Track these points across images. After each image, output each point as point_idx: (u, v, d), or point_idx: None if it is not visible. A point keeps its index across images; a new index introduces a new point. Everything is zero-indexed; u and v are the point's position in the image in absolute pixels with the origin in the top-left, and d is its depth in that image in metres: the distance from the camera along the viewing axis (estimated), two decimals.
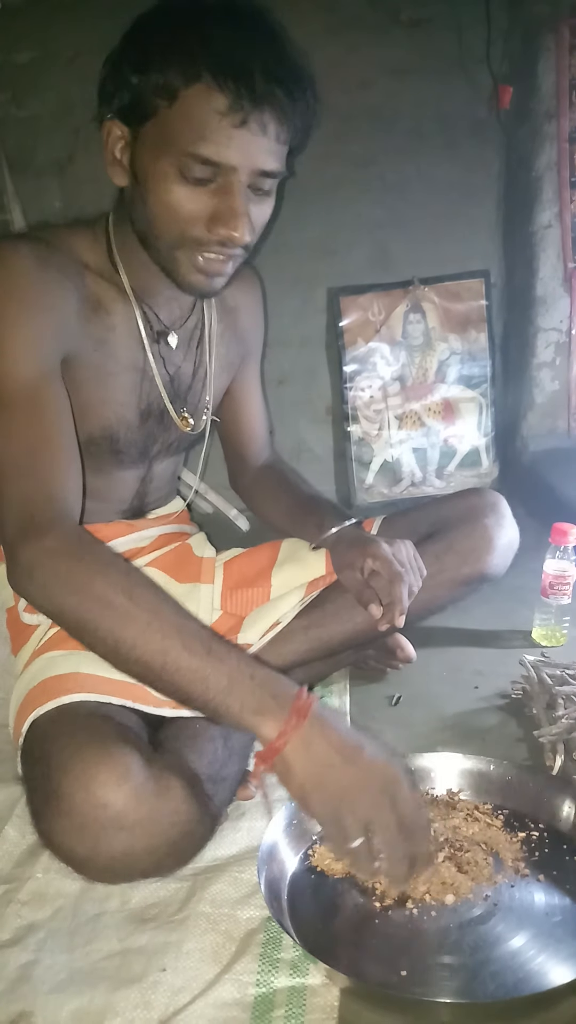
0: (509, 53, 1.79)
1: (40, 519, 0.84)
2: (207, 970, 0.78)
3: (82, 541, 0.84)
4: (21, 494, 0.86)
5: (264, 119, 0.87)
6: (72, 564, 0.81)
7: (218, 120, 0.85)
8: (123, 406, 1.05)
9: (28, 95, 1.70)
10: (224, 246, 0.92)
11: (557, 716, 1.13)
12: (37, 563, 0.82)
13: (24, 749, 0.92)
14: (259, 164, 0.89)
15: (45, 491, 0.87)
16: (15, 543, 0.84)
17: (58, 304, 0.94)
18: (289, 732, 0.76)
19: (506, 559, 1.22)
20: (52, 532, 0.83)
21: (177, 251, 0.94)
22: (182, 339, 1.10)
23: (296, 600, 1.14)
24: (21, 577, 0.83)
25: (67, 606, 0.81)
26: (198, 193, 0.89)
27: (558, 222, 1.84)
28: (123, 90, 0.89)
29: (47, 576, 0.82)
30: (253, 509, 1.34)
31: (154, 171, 0.89)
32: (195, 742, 0.94)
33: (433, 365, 1.94)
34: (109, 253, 1.01)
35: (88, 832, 0.81)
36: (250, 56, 0.85)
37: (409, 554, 1.10)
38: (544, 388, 1.96)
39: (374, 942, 0.79)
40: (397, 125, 1.81)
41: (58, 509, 0.86)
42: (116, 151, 0.92)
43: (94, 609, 0.80)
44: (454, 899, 0.82)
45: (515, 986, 0.73)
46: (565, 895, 0.83)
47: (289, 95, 0.88)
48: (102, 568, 0.81)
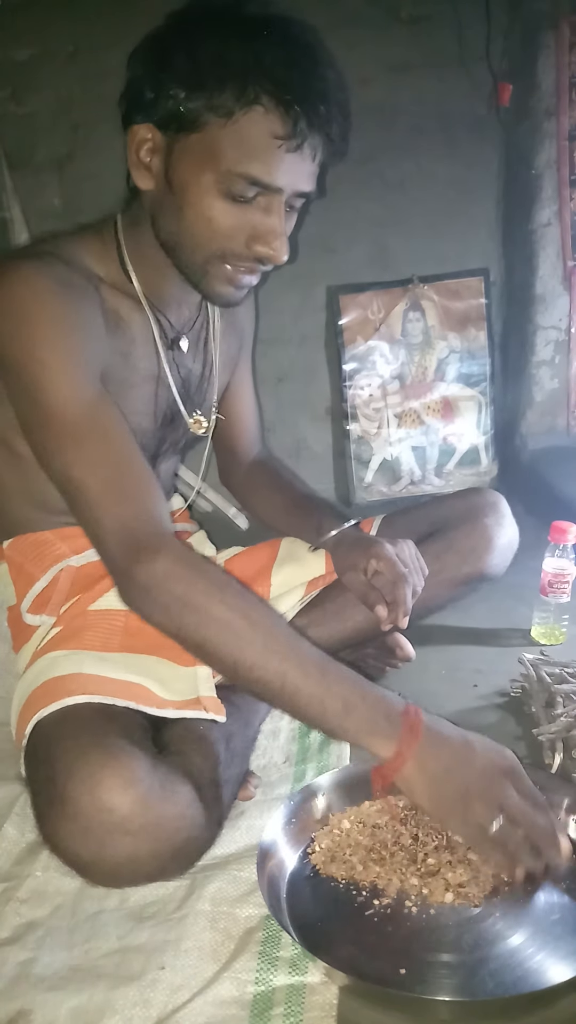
0: (509, 50, 1.79)
1: (146, 540, 0.85)
2: (206, 968, 0.78)
3: (193, 561, 0.86)
4: (121, 518, 0.86)
5: (315, 144, 0.88)
6: (188, 586, 0.84)
7: (274, 145, 0.85)
8: (141, 415, 1.04)
9: (27, 92, 1.69)
10: (260, 263, 0.93)
11: (556, 714, 1.13)
12: (155, 585, 0.84)
13: (28, 751, 0.91)
14: (301, 187, 0.90)
15: (143, 511, 0.87)
16: (127, 568, 0.85)
17: (89, 323, 0.93)
18: (405, 752, 0.80)
19: (506, 558, 1.23)
20: (162, 552, 0.84)
21: (210, 264, 0.94)
22: (191, 341, 1.10)
23: (296, 599, 1.14)
24: (140, 599, 0.85)
25: (187, 626, 0.84)
26: (239, 209, 0.89)
27: (557, 220, 1.84)
28: (165, 100, 0.87)
29: (167, 598, 0.84)
30: (245, 506, 1.34)
31: (196, 184, 0.88)
32: (200, 745, 0.93)
33: (432, 363, 1.94)
34: (120, 261, 1.00)
35: (93, 836, 0.80)
36: (306, 80, 0.85)
37: (412, 554, 1.10)
38: (543, 386, 1.96)
39: (373, 940, 0.79)
40: (397, 122, 1.81)
41: (160, 527, 0.88)
42: (143, 154, 0.91)
43: (213, 630, 0.83)
44: (453, 899, 0.82)
45: (514, 984, 0.74)
46: (564, 893, 0.83)
47: (336, 118, 0.89)
48: (219, 590, 0.84)
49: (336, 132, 0.90)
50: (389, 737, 0.80)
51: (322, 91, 0.87)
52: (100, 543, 0.88)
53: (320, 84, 0.87)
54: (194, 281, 0.97)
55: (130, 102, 0.91)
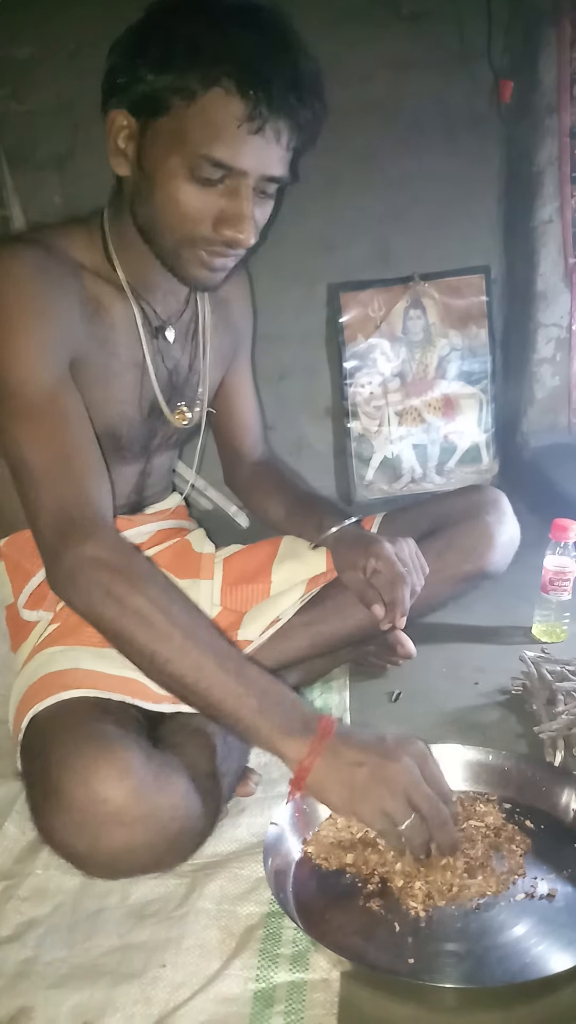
0: (510, 47, 1.78)
1: (80, 524, 0.86)
2: (207, 966, 0.78)
3: (123, 550, 0.87)
4: (58, 499, 0.87)
5: (279, 127, 0.88)
6: (113, 575, 0.84)
7: (235, 125, 0.86)
8: (125, 403, 1.05)
9: (28, 90, 1.69)
10: (229, 246, 0.93)
11: (557, 712, 1.13)
12: (79, 570, 0.84)
13: (24, 745, 0.92)
14: (269, 170, 0.90)
15: (83, 495, 0.88)
16: (56, 548, 0.86)
17: (62, 309, 0.94)
18: (316, 751, 0.79)
19: (507, 556, 1.23)
20: (93, 538, 0.85)
21: (182, 248, 0.94)
22: (179, 332, 1.10)
23: (296, 597, 1.13)
24: (63, 582, 0.86)
25: (106, 615, 0.84)
26: (206, 193, 0.90)
27: (559, 217, 1.83)
28: (136, 84, 0.88)
29: (89, 584, 0.84)
30: (249, 506, 1.34)
31: (163, 167, 0.89)
32: (195, 738, 0.94)
33: (433, 361, 1.93)
34: (105, 251, 1.01)
35: (88, 828, 0.81)
36: (270, 64, 0.86)
37: (412, 553, 1.10)
38: (544, 384, 1.96)
39: (380, 930, 0.79)
40: (397, 120, 1.80)
41: (96, 513, 0.88)
42: (120, 140, 0.92)
43: (132, 622, 0.83)
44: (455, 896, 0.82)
45: (521, 972, 0.74)
46: (566, 881, 0.85)
47: (304, 105, 0.89)
48: (142, 582, 0.84)
49: (305, 118, 0.91)
50: (302, 739, 0.80)
51: (288, 76, 0.87)
52: (34, 522, 0.89)
53: (286, 69, 0.87)
54: (169, 265, 0.98)
55: (107, 89, 0.92)
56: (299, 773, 0.79)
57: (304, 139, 0.94)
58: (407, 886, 0.83)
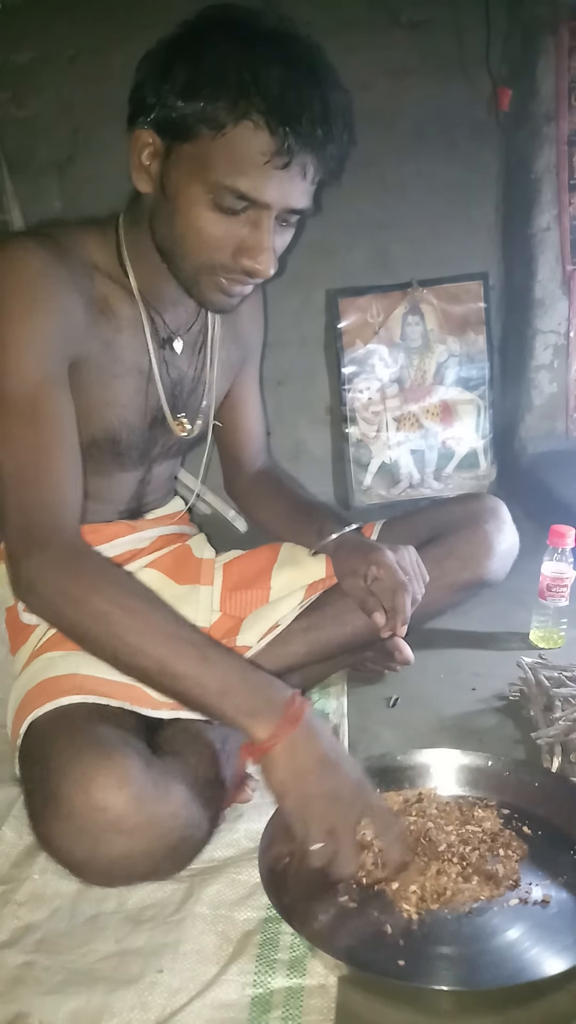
0: (508, 55, 1.79)
1: (39, 530, 0.87)
2: (204, 971, 0.78)
3: (79, 554, 0.87)
4: (20, 503, 0.88)
5: (305, 162, 0.88)
6: (69, 579, 0.85)
7: (262, 160, 0.85)
8: (126, 409, 1.05)
9: (28, 95, 1.70)
10: (248, 275, 0.93)
11: (555, 718, 1.13)
12: (38, 576, 0.85)
13: (22, 750, 0.92)
14: (292, 203, 0.90)
15: (45, 501, 0.88)
16: (17, 554, 0.87)
17: (66, 306, 0.94)
18: (280, 735, 0.79)
19: (506, 564, 1.23)
20: (51, 545, 0.86)
21: (200, 273, 0.94)
22: (187, 344, 1.10)
23: (296, 602, 1.14)
24: (23, 588, 0.87)
25: (66, 619, 0.85)
26: (228, 221, 0.89)
27: (557, 224, 1.84)
28: (164, 107, 0.87)
29: (47, 589, 0.85)
30: (248, 514, 1.34)
31: (186, 192, 0.89)
32: (194, 745, 0.94)
33: (431, 367, 1.94)
34: (119, 255, 1.01)
35: (87, 835, 0.81)
36: (300, 99, 0.85)
37: (413, 561, 1.10)
38: (542, 390, 1.97)
39: (371, 933, 0.79)
40: (397, 126, 1.81)
41: (57, 520, 0.88)
42: (144, 157, 0.91)
43: (91, 623, 0.84)
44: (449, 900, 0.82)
45: (513, 976, 0.74)
46: (561, 887, 0.84)
47: (332, 139, 0.89)
48: (98, 582, 0.85)
49: (332, 153, 0.90)
50: (268, 720, 0.80)
51: (317, 112, 0.86)
52: (2, 526, 0.89)
53: (316, 105, 0.86)
54: (186, 287, 0.98)
55: (134, 105, 0.91)
56: (257, 748, 0.80)
57: (330, 172, 0.93)
58: (401, 889, 0.82)
